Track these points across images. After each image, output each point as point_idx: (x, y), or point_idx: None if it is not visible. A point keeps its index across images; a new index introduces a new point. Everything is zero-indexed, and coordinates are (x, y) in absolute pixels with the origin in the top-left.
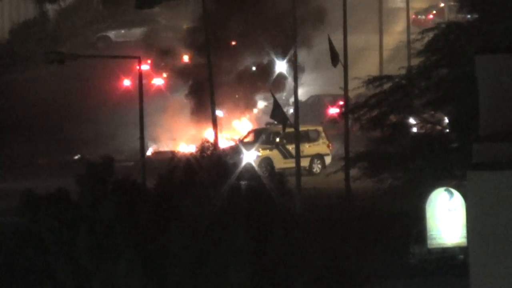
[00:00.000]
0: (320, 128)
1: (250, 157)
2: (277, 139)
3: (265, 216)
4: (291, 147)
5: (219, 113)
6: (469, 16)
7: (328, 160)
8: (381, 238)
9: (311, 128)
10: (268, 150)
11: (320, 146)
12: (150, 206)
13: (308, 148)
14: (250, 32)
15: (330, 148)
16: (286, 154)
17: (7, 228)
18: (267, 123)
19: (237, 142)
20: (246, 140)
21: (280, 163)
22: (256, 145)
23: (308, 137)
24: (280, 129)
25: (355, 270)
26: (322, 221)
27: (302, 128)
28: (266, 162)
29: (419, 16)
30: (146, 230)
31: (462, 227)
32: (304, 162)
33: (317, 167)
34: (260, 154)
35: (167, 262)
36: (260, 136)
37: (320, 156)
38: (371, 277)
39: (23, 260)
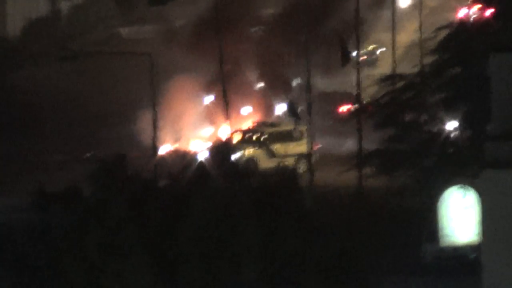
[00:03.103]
0: (303, 128)
1: (234, 157)
2: (262, 139)
3: (276, 214)
4: (276, 147)
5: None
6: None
7: (313, 159)
8: (394, 236)
9: (294, 127)
10: (252, 150)
11: (304, 146)
12: (161, 204)
13: (292, 148)
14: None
15: (315, 147)
16: (270, 154)
17: (18, 224)
18: (254, 123)
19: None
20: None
21: (265, 163)
22: (241, 145)
23: (292, 137)
24: (264, 129)
25: (367, 268)
26: (334, 218)
27: (286, 127)
28: (251, 162)
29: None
30: (156, 227)
31: (475, 225)
32: (288, 161)
33: (302, 167)
34: (244, 154)
35: (177, 259)
36: (245, 136)
37: (304, 156)
38: (381, 274)
39: (34, 256)
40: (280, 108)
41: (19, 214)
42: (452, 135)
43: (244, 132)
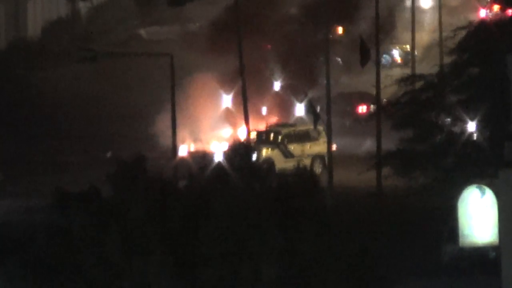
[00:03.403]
0: (320, 128)
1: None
2: (279, 139)
3: (296, 214)
4: (292, 147)
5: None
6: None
7: (331, 159)
8: (413, 236)
9: (311, 127)
10: (269, 150)
11: (321, 146)
12: (181, 205)
13: (309, 148)
14: (283, 32)
15: (333, 148)
16: (287, 154)
17: (38, 225)
18: (270, 124)
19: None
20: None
21: (281, 163)
22: (258, 145)
23: (309, 137)
24: (281, 129)
25: (386, 268)
26: (353, 219)
27: (303, 127)
28: (268, 162)
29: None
30: (177, 229)
31: (494, 225)
32: (306, 162)
33: (318, 167)
34: (262, 154)
35: (198, 260)
36: (262, 136)
37: (321, 156)
38: (401, 275)
39: (54, 257)
40: (298, 109)
41: (40, 215)
42: (471, 135)
43: (262, 133)
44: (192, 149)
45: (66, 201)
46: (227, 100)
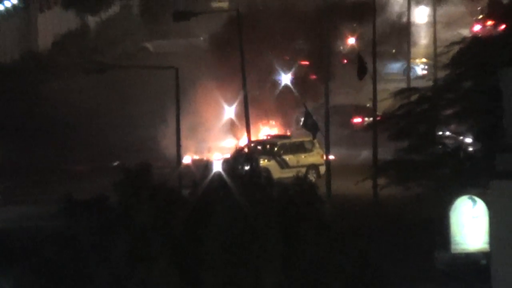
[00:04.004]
0: (314, 140)
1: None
2: (274, 150)
3: (296, 222)
4: (288, 158)
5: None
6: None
7: (322, 170)
8: (408, 243)
9: (306, 139)
10: (266, 161)
11: (315, 157)
12: (185, 212)
13: (303, 159)
14: (282, 45)
15: (328, 158)
16: (283, 165)
17: (47, 232)
18: (267, 135)
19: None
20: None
21: (277, 173)
22: (257, 156)
23: (304, 148)
24: (277, 141)
25: (382, 274)
26: (351, 226)
27: (297, 139)
28: (265, 171)
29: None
30: (180, 235)
31: (485, 233)
32: (301, 172)
33: (312, 177)
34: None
35: (201, 267)
36: (259, 147)
37: (315, 166)
38: (397, 281)
39: (61, 263)
40: (295, 121)
41: (48, 221)
42: (464, 146)
43: (260, 144)
44: (196, 158)
45: (74, 208)
46: (230, 111)
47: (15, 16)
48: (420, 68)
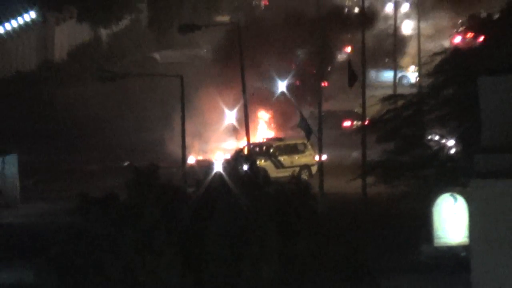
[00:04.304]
0: (306, 142)
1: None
2: (271, 152)
3: (292, 217)
4: (282, 158)
5: (264, 125)
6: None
7: (314, 170)
8: (395, 238)
9: (299, 141)
10: (263, 161)
11: (307, 157)
12: (189, 209)
13: (297, 159)
14: (280, 54)
15: (320, 159)
16: (278, 165)
17: (63, 226)
18: (263, 138)
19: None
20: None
21: (273, 172)
22: (255, 156)
23: (297, 150)
24: (272, 143)
25: (372, 265)
26: (343, 222)
27: (291, 141)
28: (262, 171)
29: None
30: (185, 230)
31: (465, 228)
32: (294, 171)
33: (305, 176)
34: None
35: (203, 258)
36: (257, 148)
37: (307, 166)
38: (385, 272)
39: (76, 254)
40: (289, 125)
41: (65, 217)
42: (446, 148)
43: (257, 146)
44: (200, 158)
45: (88, 205)
46: (231, 115)
47: (34, 29)
48: (413, 76)
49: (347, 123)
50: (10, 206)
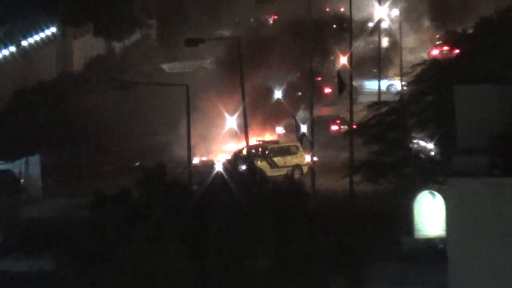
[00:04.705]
0: (298, 144)
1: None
2: (266, 153)
3: (286, 212)
4: (277, 159)
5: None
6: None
7: (305, 169)
8: (379, 231)
9: (291, 144)
10: (259, 162)
11: (299, 158)
12: (193, 205)
13: (289, 160)
14: (279, 64)
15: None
16: (273, 165)
17: (80, 220)
18: (258, 140)
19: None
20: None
21: (268, 172)
22: (252, 157)
23: (290, 151)
24: (267, 145)
25: (359, 256)
26: (332, 217)
27: (284, 144)
28: (259, 170)
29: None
30: (190, 223)
31: (443, 222)
32: (286, 171)
33: (297, 175)
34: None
35: (206, 249)
36: (253, 150)
37: (299, 166)
38: (371, 261)
39: (92, 246)
40: (283, 129)
41: (81, 212)
42: (425, 150)
43: (254, 147)
44: (203, 159)
45: (102, 201)
46: (231, 120)
47: (54, 43)
48: (400, 84)
49: (334, 127)
50: (33, 202)
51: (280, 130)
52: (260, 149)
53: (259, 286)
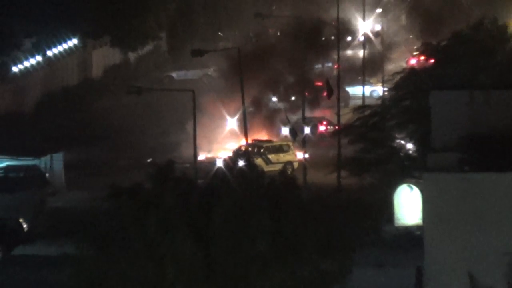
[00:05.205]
0: (290, 143)
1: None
2: (261, 151)
3: (281, 203)
4: (271, 156)
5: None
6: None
7: (296, 165)
8: (363, 219)
9: (284, 143)
10: (255, 159)
11: (291, 156)
12: (199, 196)
13: (282, 157)
14: (275, 74)
15: (302, 157)
16: (267, 162)
17: (98, 210)
18: (253, 140)
19: (233, 152)
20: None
21: (264, 168)
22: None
23: (282, 149)
24: (263, 143)
25: (346, 241)
26: (322, 206)
27: (277, 143)
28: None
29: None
30: (196, 212)
31: (419, 211)
32: (279, 167)
33: (288, 170)
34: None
35: (210, 235)
36: (250, 148)
37: (290, 163)
38: (356, 246)
39: (109, 233)
40: (278, 129)
41: (100, 202)
42: (404, 148)
43: (251, 146)
44: (208, 156)
45: (118, 193)
46: (232, 122)
47: (76, 53)
48: (382, 90)
49: (322, 128)
50: (58, 194)
51: (286, 131)
52: (256, 147)
53: (257, 268)
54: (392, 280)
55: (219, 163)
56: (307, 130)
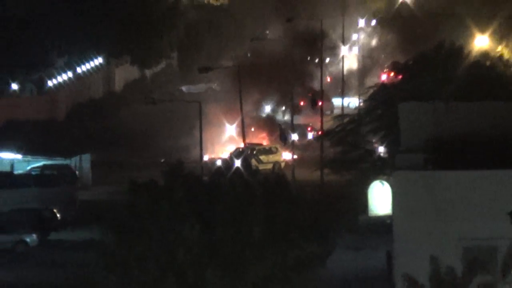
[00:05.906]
0: (277, 146)
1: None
2: (254, 152)
3: (273, 196)
4: (262, 157)
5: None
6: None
7: (282, 165)
8: (342, 210)
9: (272, 146)
10: (250, 159)
11: (278, 156)
12: (204, 190)
13: (271, 158)
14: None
15: (287, 158)
16: (259, 161)
17: (120, 202)
18: (247, 143)
19: (230, 154)
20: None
21: (257, 166)
22: (242, 156)
23: (271, 151)
24: (254, 146)
25: (328, 227)
26: (307, 199)
27: (267, 146)
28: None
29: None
30: (202, 203)
31: (389, 204)
32: (269, 166)
33: (277, 169)
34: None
35: (214, 224)
36: (243, 150)
37: (278, 163)
38: (335, 232)
39: (128, 221)
40: (270, 134)
41: (119, 196)
42: (377, 150)
43: (245, 148)
44: (212, 157)
45: (136, 187)
46: (232, 128)
47: (101, 70)
48: (358, 101)
49: (310, 135)
50: (85, 188)
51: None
52: (249, 150)
53: (253, 250)
54: (367, 260)
55: (219, 163)
56: (294, 136)
